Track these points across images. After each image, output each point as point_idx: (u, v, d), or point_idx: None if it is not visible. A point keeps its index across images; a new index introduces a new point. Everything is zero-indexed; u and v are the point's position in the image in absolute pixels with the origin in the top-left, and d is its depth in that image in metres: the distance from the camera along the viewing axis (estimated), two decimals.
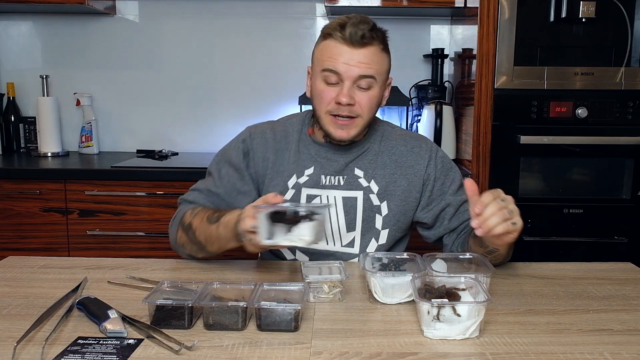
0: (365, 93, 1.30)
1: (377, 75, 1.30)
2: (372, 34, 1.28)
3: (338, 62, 1.27)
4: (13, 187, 2.18)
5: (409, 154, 1.42)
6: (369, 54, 1.28)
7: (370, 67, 1.28)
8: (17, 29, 2.67)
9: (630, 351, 0.91)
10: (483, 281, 1.05)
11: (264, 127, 1.46)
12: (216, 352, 0.89)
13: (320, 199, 1.39)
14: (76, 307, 1.04)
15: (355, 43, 1.26)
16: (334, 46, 1.28)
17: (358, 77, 1.28)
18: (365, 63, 1.28)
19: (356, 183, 1.39)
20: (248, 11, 2.63)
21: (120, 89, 2.70)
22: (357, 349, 0.90)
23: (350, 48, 1.27)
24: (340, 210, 1.39)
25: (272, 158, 1.41)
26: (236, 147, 1.42)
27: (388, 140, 1.44)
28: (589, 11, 2.01)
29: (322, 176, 1.40)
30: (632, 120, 2.10)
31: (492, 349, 0.91)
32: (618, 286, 1.20)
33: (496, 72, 2.09)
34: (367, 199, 1.39)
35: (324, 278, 1.11)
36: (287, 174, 1.40)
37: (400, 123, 2.50)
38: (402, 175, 1.40)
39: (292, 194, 1.39)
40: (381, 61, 1.31)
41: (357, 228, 1.39)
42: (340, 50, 1.28)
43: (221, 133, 2.66)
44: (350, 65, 1.27)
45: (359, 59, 1.27)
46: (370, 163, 1.41)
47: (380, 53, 1.31)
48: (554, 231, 2.15)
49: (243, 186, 1.40)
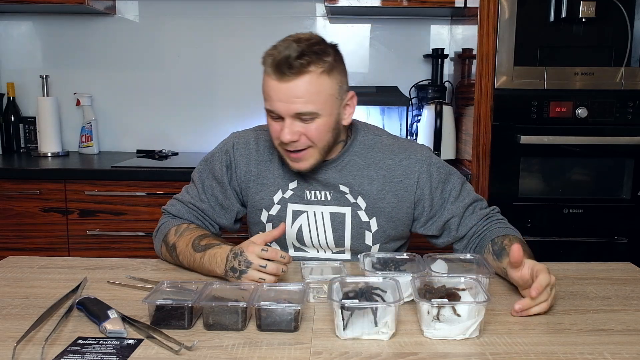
0: (310, 124, 1.20)
1: (318, 108, 1.18)
2: (302, 61, 1.14)
3: (273, 100, 1.18)
4: (13, 187, 2.18)
5: (397, 168, 1.33)
6: (302, 86, 1.15)
7: (307, 102, 1.16)
8: (17, 29, 2.67)
9: (630, 351, 0.91)
10: (483, 281, 1.05)
11: (248, 137, 1.40)
12: (216, 352, 0.89)
13: (307, 215, 1.34)
14: (76, 307, 1.04)
15: (284, 76, 1.15)
16: (266, 82, 1.20)
17: (296, 114, 1.18)
18: (300, 97, 1.16)
19: (343, 199, 1.33)
20: (248, 11, 2.63)
21: (120, 89, 2.70)
22: (357, 349, 0.90)
23: (280, 83, 1.16)
24: (329, 226, 1.33)
25: (254, 171, 1.36)
26: (219, 159, 1.38)
27: (374, 151, 1.34)
28: (589, 11, 2.01)
29: (307, 191, 1.34)
30: (632, 120, 2.10)
31: (492, 349, 0.91)
32: (618, 286, 1.20)
33: (496, 72, 2.09)
34: (356, 215, 1.33)
35: (324, 278, 1.11)
36: (272, 189, 1.35)
37: (400, 123, 2.50)
38: (391, 191, 1.33)
39: (278, 209, 1.35)
40: (321, 88, 1.17)
41: (346, 244, 1.35)
42: (272, 87, 1.18)
43: (221, 133, 2.62)
44: (284, 102, 1.17)
45: (293, 93, 1.16)
46: (356, 179, 1.33)
47: (317, 79, 1.16)
48: (554, 231, 2.15)
49: (225, 200, 1.38)
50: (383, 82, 2.59)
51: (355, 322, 0.93)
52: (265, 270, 1.10)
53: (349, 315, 0.93)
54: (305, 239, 1.35)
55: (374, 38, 2.65)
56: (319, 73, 1.17)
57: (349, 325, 0.93)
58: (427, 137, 2.33)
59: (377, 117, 2.49)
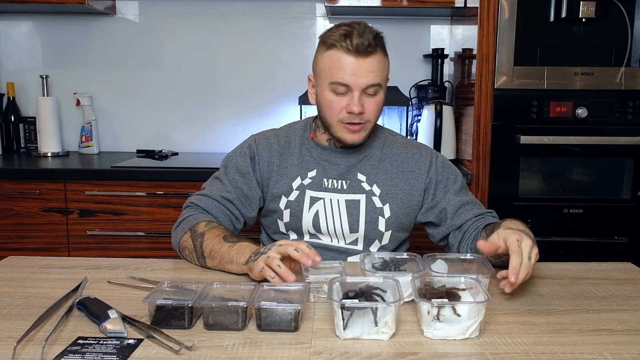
0: (372, 99, 1.33)
1: (382, 82, 1.33)
2: (376, 41, 1.30)
3: (346, 73, 1.29)
4: (13, 187, 2.18)
5: (409, 160, 1.45)
6: (375, 63, 1.30)
7: (377, 76, 1.31)
8: (17, 29, 2.67)
9: (630, 351, 0.91)
10: (483, 281, 1.05)
11: (267, 134, 1.49)
12: (216, 352, 0.89)
13: (323, 202, 1.41)
14: (76, 307, 1.04)
15: (362, 53, 1.28)
16: (339, 57, 1.30)
17: (366, 87, 1.31)
18: (372, 72, 1.30)
19: (359, 187, 1.42)
20: (248, 11, 2.63)
21: (120, 89, 2.70)
22: (357, 349, 0.90)
23: (357, 59, 1.28)
24: (344, 212, 1.41)
25: (277, 162, 1.44)
26: (242, 153, 1.45)
27: (390, 148, 1.47)
28: (589, 11, 2.01)
29: (325, 179, 1.42)
30: (632, 120, 2.10)
31: (492, 349, 0.91)
32: (618, 286, 1.20)
33: (496, 72, 2.09)
34: (370, 201, 1.41)
35: (324, 278, 1.11)
36: (291, 176, 1.43)
37: (400, 123, 2.51)
38: (404, 179, 1.43)
39: (297, 195, 1.42)
40: (385, 67, 1.34)
41: (360, 230, 1.41)
42: (347, 62, 1.29)
43: (221, 133, 2.66)
44: (358, 76, 1.29)
45: (366, 68, 1.29)
46: (373, 168, 1.43)
47: (383, 59, 1.33)
48: (554, 231, 2.15)
49: (250, 191, 1.43)
50: None
51: (355, 322, 0.93)
52: (280, 270, 1.09)
53: (349, 315, 0.93)
54: (321, 225, 1.41)
55: None
56: (384, 55, 1.34)
57: (349, 325, 0.93)
58: (427, 137, 2.33)
59: (378, 124, 2.48)
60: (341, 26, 1.31)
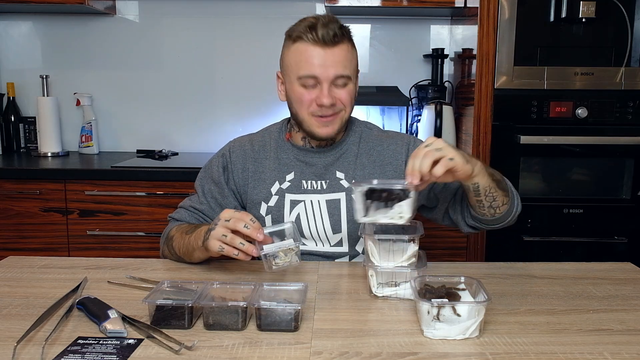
0: (343, 89, 1.32)
1: (351, 74, 1.32)
2: (342, 31, 1.29)
3: (314, 65, 1.28)
4: (13, 187, 2.18)
5: (385, 152, 1.43)
6: (342, 53, 1.29)
7: (345, 67, 1.30)
8: (17, 29, 2.67)
9: (630, 351, 0.91)
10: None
11: (242, 140, 1.49)
12: (216, 352, 0.89)
13: (304, 204, 1.39)
14: (76, 307, 1.04)
15: (329, 43, 1.27)
16: (306, 49, 1.28)
17: (335, 78, 1.29)
18: (340, 62, 1.29)
19: (338, 185, 1.41)
20: (248, 11, 2.63)
21: (120, 89, 2.70)
22: (357, 349, 0.90)
23: (324, 49, 1.27)
24: (325, 213, 1.39)
25: (251, 168, 1.43)
26: (217, 163, 1.45)
27: (366, 142, 1.45)
28: (589, 11, 2.02)
29: (304, 181, 1.41)
30: (632, 120, 2.10)
31: (492, 349, 0.91)
32: (618, 286, 1.20)
33: (496, 72, 2.09)
34: (350, 199, 1.38)
35: (277, 247, 1.12)
36: (269, 181, 1.42)
37: (400, 123, 2.50)
38: (382, 173, 1.41)
39: (276, 200, 1.40)
40: (353, 58, 1.33)
41: (343, 230, 1.40)
42: (313, 53, 1.28)
43: (221, 133, 2.66)
44: (326, 66, 1.28)
45: (333, 58, 1.28)
46: (350, 165, 1.42)
47: (351, 50, 1.32)
48: (554, 231, 2.15)
49: (223, 200, 1.43)
50: (383, 82, 2.59)
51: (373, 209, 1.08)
52: (226, 239, 1.11)
53: (370, 203, 1.07)
54: (303, 229, 1.39)
55: (374, 38, 2.65)
56: (351, 45, 1.33)
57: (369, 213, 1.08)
58: (427, 137, 2.33)
59: (377, 117, 2.49)
60: (306, 19, 1.30)
